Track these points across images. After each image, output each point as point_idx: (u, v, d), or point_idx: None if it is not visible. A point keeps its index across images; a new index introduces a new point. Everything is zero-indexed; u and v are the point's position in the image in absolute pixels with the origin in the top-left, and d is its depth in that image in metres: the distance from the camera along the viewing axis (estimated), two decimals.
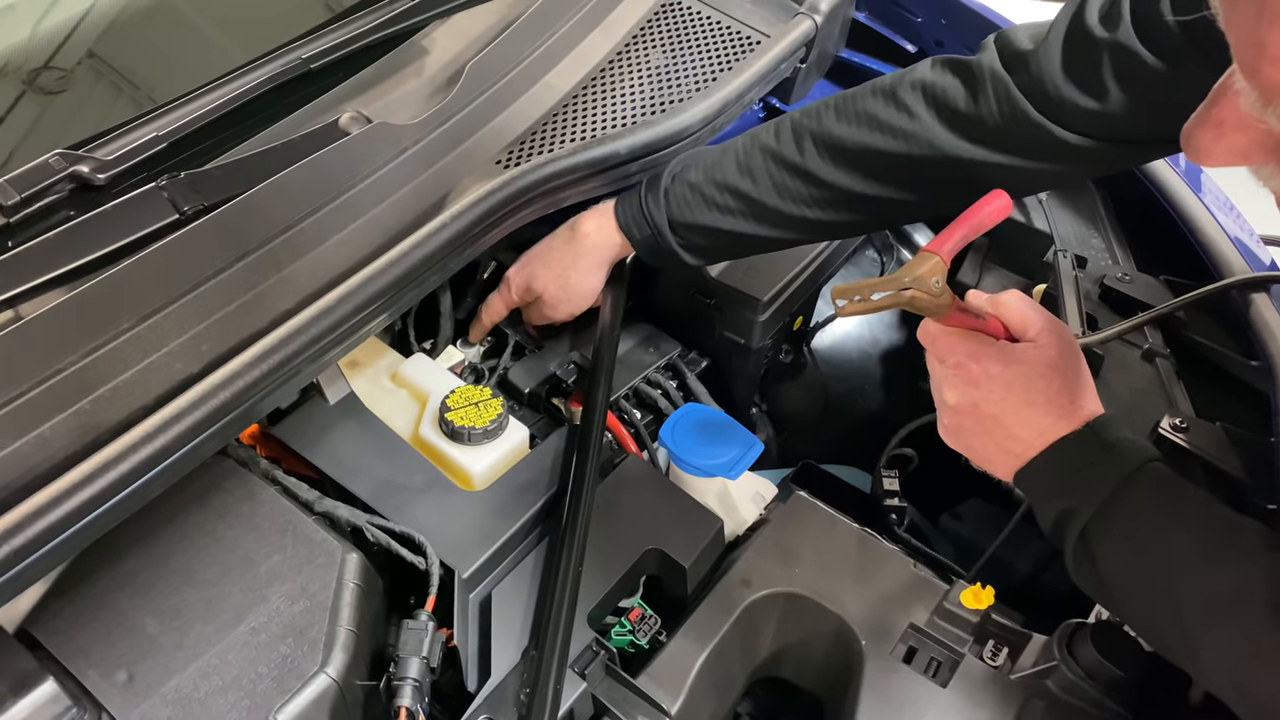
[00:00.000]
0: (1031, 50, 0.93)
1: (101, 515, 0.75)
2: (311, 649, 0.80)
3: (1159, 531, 0.80)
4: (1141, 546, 0.80)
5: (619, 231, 1.11)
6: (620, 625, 0.96)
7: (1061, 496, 0.84)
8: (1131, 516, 0.81)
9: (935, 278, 0.81)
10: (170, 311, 0.85)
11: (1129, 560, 0.80)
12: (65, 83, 1.09)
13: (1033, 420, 0.85)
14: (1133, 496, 0.81)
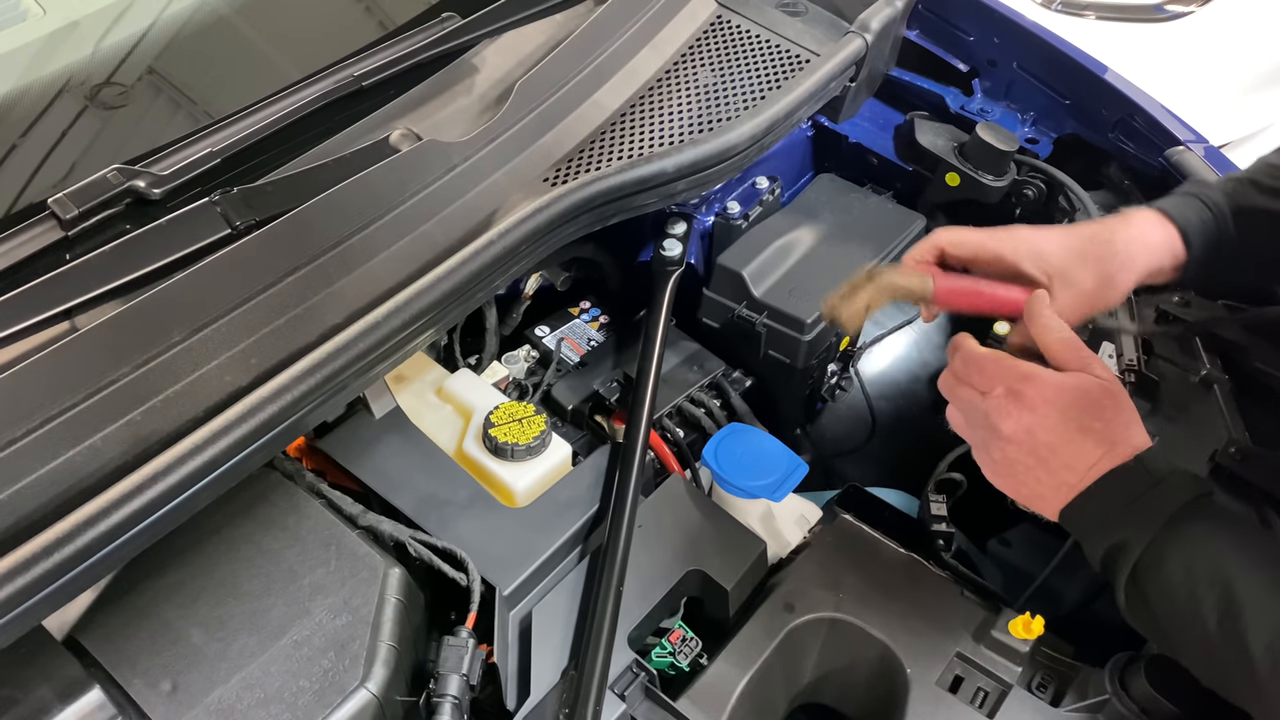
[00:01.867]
0: None
1: (150, 526, 0.76)
2: (353, 663, 0.81)
3: (1217, 567, 0.77)
4: (1198, 583, 0.77)
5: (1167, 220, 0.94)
6: (661, 646, 0.96)
7: (1112, 531, 0.81)
8: (1186, 551, 0.78)
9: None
10: (221, 325, 0.86)
11: (1185, 597, 0.77)
12: (125, 98, 1.11)
13: (1086, 451, 0.82)
14: (1187, 530, 0.79)
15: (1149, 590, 0.79)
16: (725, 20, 1.31)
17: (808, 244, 1.24)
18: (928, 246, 0.93)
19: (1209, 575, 0.77)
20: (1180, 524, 0.79)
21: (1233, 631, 0.74)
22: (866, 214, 1.31)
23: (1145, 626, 0.82)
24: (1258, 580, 0.76)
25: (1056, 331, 0.87)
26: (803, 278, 1.20)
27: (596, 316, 1.25)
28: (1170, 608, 0.78)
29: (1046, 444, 0.83)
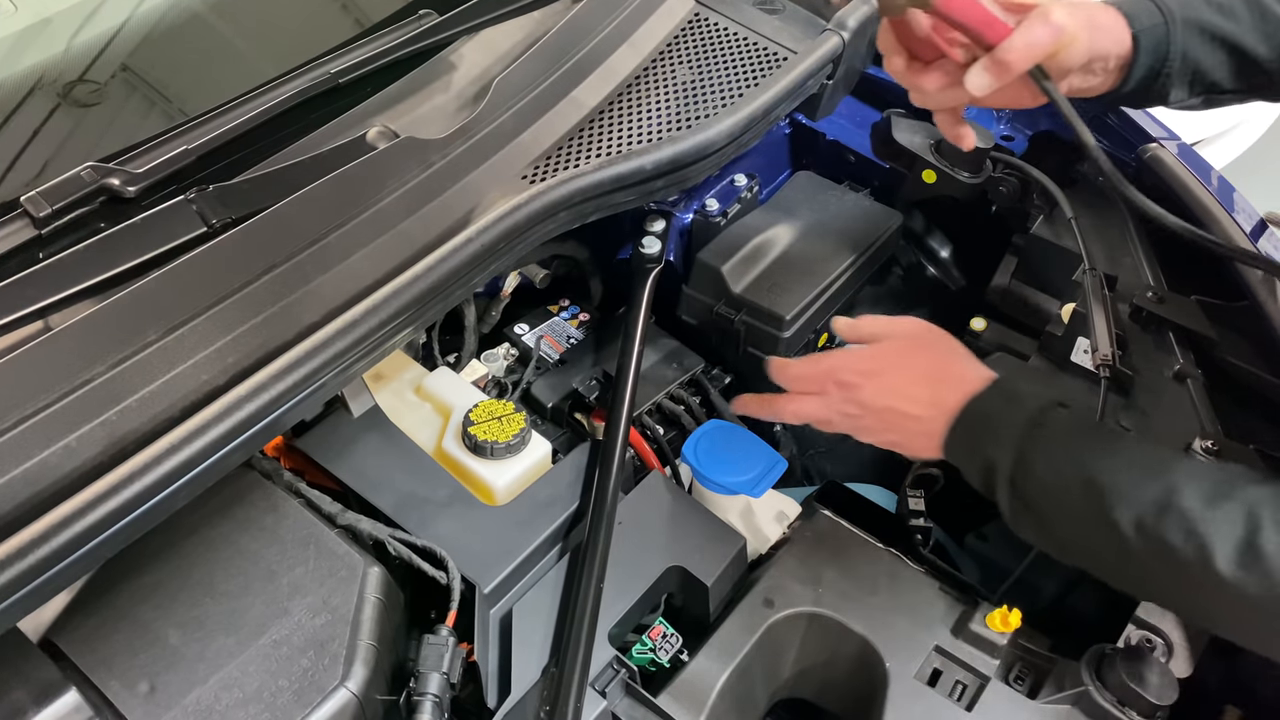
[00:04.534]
0: None
1: (126, 526, 0.75)
2: (332, 663, 0.80)
3: (1079, 460, 0.83)
4: (1065, 477, 0.83)
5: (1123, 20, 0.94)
6: (641, 643, 0.96)
7: (981, 452, 0.87)
8: (1049, 452, 0.84)
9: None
10: (197, 324, 0.85)
11: (1057, 493, 0.83)
12: (99, 96, 1.10)
13: (922, 396, 0.91)
14: (1046, 434, 0.85)
15: (1026, 497, 0.85)
16: (703, 18, 1.31)
17: (786, 241, 1.24)
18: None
19: (1073, 469, 0.83)
20: (1039, 430, 0.85)
21: (1102, 515, 0.80)
22: (844, 211, 1.31)
23: (1033, 534, 0.88)
24: (1117, 466, 0.82)
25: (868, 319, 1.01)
26: (781, 274, 1.20)
27: (576, 314, 1.25)
28: (1046, 508, 0.85)
29: (884, 408, 0.93)
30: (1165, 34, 0.94)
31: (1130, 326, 1.15)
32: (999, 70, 0.88)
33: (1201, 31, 0.95)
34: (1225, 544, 0.75)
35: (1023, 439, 0.85)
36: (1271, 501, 0.75)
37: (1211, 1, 0.96)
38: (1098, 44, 0.93)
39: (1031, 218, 1.30)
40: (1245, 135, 2.82)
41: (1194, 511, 0.76)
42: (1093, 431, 0.87)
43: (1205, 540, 0.75)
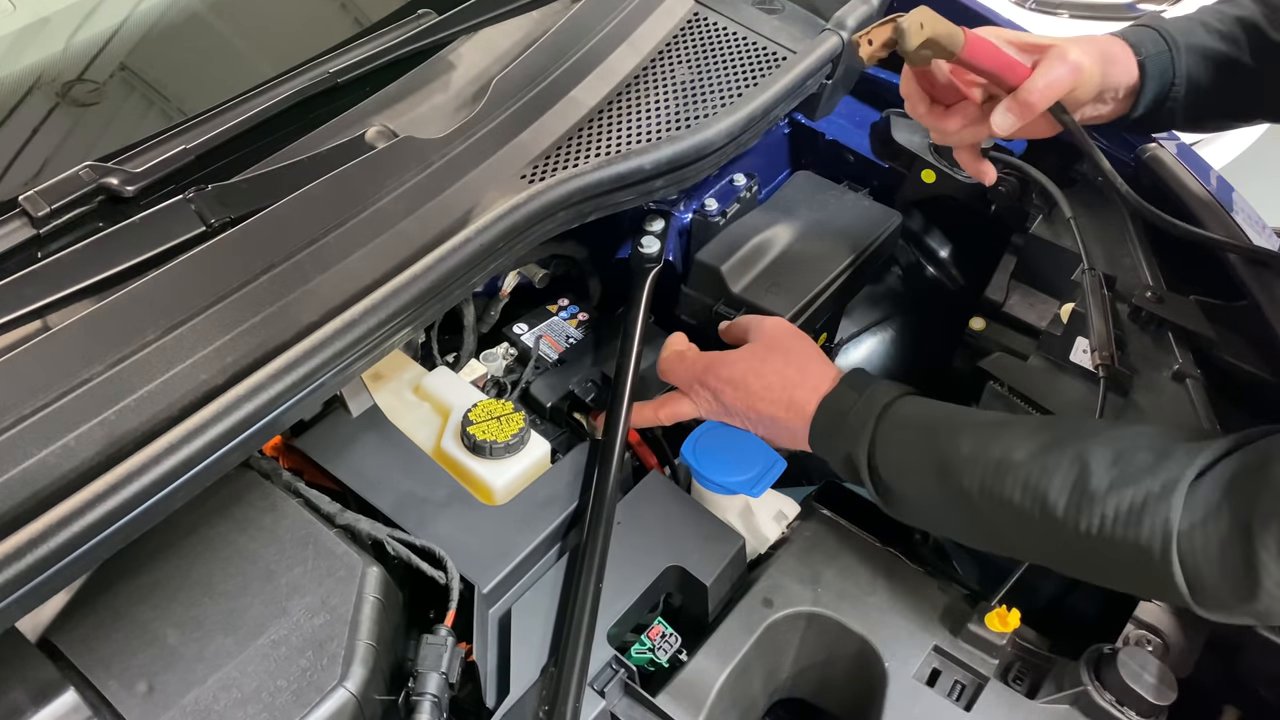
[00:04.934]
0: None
1: (124, 526, 0.75)
2: (331, 663, 0.80)
3: (926, 440, 0.90)
4: (917, 456, 0.90)
5: (1129, 50, 0.99)
6: (640, 643, 0.96)
7: (840, 446, 0.95)
8: (898, 436, 0.92)
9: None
10: (196, 323, 0.85)
11: (913, 474, 0.90)
12: (97, 95, 1.10)
13: (779, 399, 0.99)
14: (895, 420, 0.93)
15: (888, 481, 0.92)
16: (702, 17, 1.31)
17: (785, 241, 1.24)
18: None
19: (922, 448, 0.90)
20: (888, 418, 0.93)
21: (953, 486, 0.87)
22: (843, 211, 1.31)
23: (904, 516, 0.95)
24: (960, 438, 0.89)
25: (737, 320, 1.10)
26: (780, 274, 1.20)
27: (575, 314, 1.25)
28: (905, 490, 0.92)
29: (746, 410, 1.00)
30: (1170, 60, 0.98)
31: (1129, 326, 1.15)
32: (1022, 110, 0.94)
33: (1204, 56, 0.99)
34: (1059, 491, 0.81)
35: (874, 429, 0.93)
36: (1097, 446, 0.81)
37: (1212, 28, 1.00)
38: (1110, 76, 0.98)
39: (1030, 217, 1.30)
40: (1244, 136, 2.82)
41: (1028, 466, 0.83)
42: (937, 412, 0.94)
43: (1041, 491, 0.82)
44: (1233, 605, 0.77)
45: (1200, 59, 0.99)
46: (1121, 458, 0.80)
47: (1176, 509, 0.76)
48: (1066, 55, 0.93)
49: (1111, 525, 0.78)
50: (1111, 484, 0.79)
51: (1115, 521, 0.78)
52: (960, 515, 0.89)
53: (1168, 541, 0.76)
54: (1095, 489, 0.79)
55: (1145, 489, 0.78)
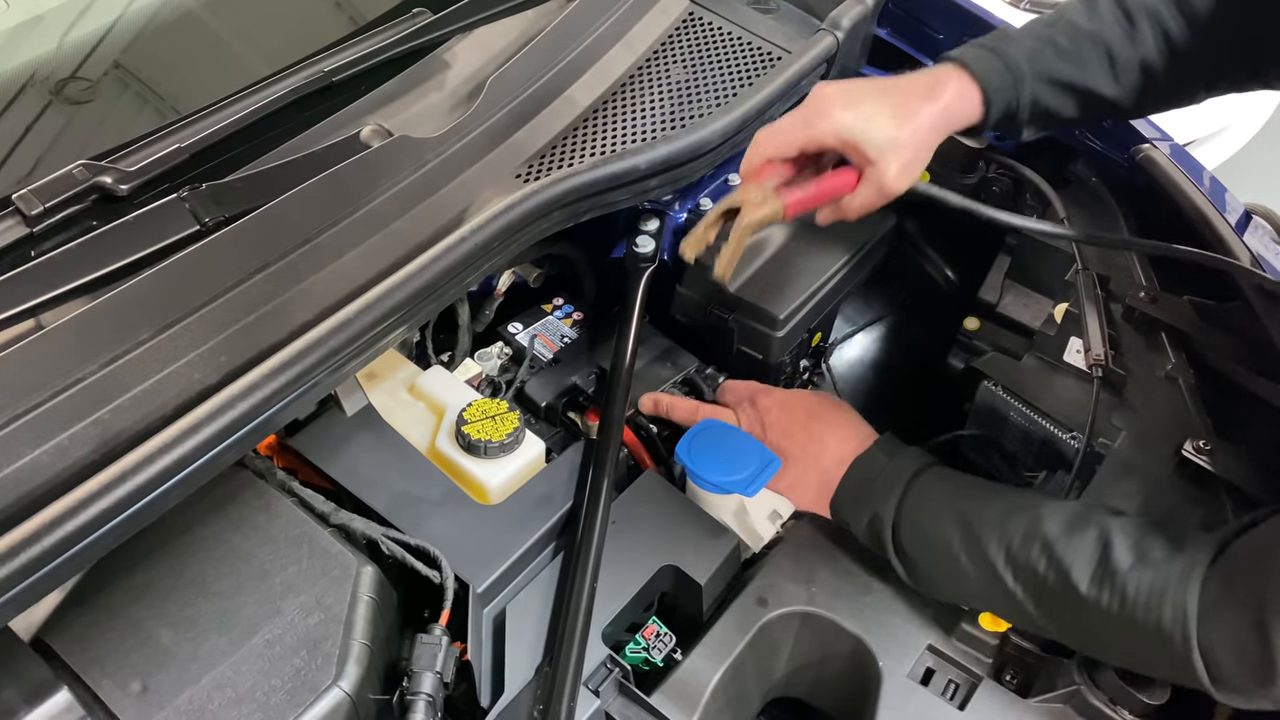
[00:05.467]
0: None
1: (118, 525, 0.75)
2: (325, 662, 0.80)
3: (954, 510, 0.92)
4: (944, 526, 0.92)
5: (974, 88, 0.99)
6: (635, 642, 0.96)
7: (865, 510, 0.97)
8: (927, 506, 0.94)
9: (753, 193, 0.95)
10: (190, 322, 0.85)
11: (939, 543, 0.92)
12: (91, 93, 1.09)
13: (835, 447, 1.03)
14: (923, 490, 0.95)
15: (911, 550, 0.94)
16: (697, 17, 1.31)
17: (779, 240, 1.24)
18: (757, 160, 0.98)
19: (950, 518, 0.92)
20: (916, 487, 0.95)
21: (979, 557, 0.89)
22: None
23: (925, 584, 0.96)
24: (987, 509, 0.91)
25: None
26: (775, 274, 1.20)
27: (570, 313, 1.25)
28: (932, 558, 0.94)
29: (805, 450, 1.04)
30: (1015, 93, 1.00)
31: (1123, 326, 1.16)
32: (841, 217, 1.01)
33: (1052, 82, 1.02)
34: (1083, 566, 0.83)
35: (902, 496, 0.95)
36: (1121, 526, 0.84)
37: (1062, 51, 1.01)
38: (951, 127, 1.00)
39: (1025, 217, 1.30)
40: (1237, 136, 2.83)
41: (1054, 539, 0.85)
42: (965, 484, 0.97)
43: (1065, 564, 0.84)
44: (1251, 691, 0.78)
45: (1048, 84, 1.01)
46: (1143, 538, 0.82)
47: (1194, 596, 0.77)
48: (884, 181, 0.95)
49: (1133, 606, 0.80)
50: (1133, 564, 0.81)
51: (1136, 603, 0.80)
52: (983, 585, 0.90)
53: (1187, 628, 0.77)
54: (1117, 567, 0.81)
55: (1165, 573, 0.79)
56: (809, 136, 0.95)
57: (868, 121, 0.94)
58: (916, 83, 0.99)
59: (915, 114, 0.96)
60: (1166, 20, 1.00)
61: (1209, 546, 0.80)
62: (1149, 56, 1.01)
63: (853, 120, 0.94)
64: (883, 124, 0.94)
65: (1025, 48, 1.01)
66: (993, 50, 1.00)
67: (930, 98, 0.97)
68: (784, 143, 0.96)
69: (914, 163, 0.97)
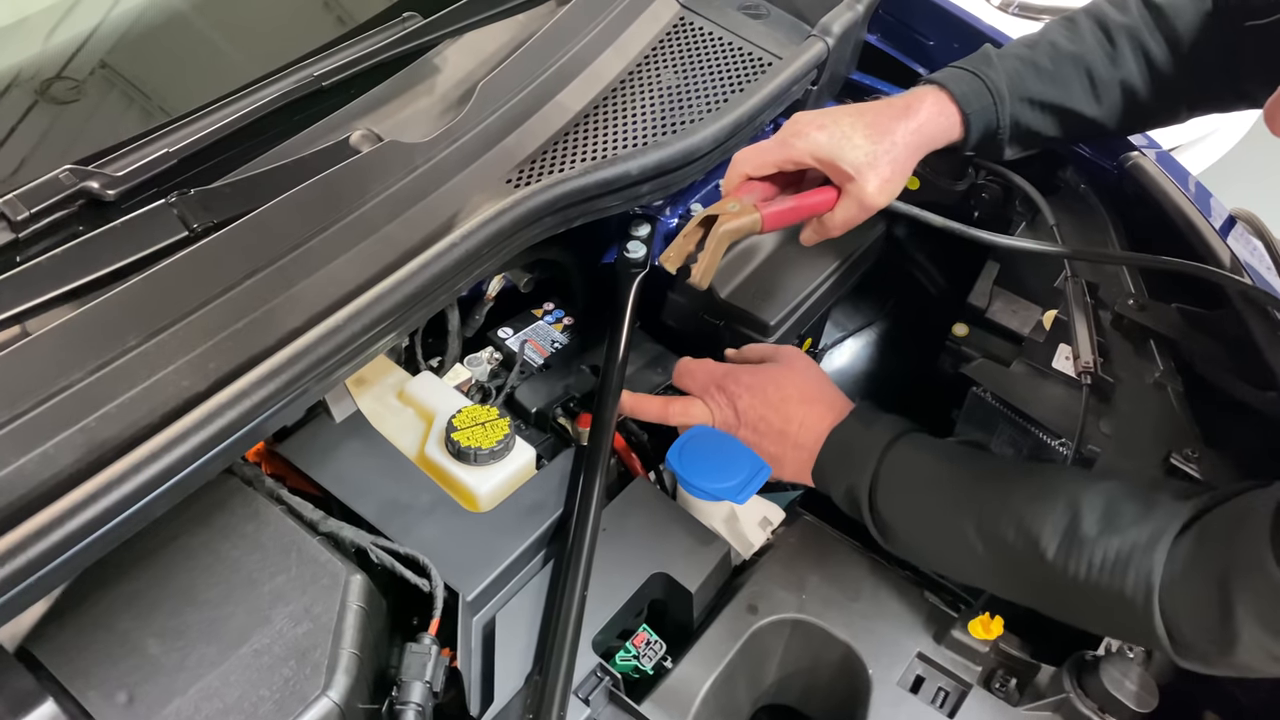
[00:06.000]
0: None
1: (105, 534, 0.74)
2: (314, 672, 0.80)
3: (929, 477, 0.93)
4: (918, 494, 0.93)
5: (953, 107, 1.02)
6: (625, 650, 0.96)
7: (842, 478, 0.98)
8: (901, 473, 0.95)
9: (731, 203, 0.97)
10: (178, 329, 0.84)
11: (913, 510, 0.93)
12: (77, 93, 1.08)
13: (793, 414, 1.02)
14: (899, 457, 0.95)
15: (888, 517, 0.95)
16: (688, 22, 1.30)
17: (770, 246, 1.24)
18: (736, 178, 1.02)
19: (924, 486, 0.94)
20: (891, 454, 0.95)
21: (951, 525, 0.90)
22: None
23: (900, 550, 0.98)
24: (959, 478, 0.92)
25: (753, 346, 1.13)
26: (766, 280, 1.20)
27: (560, 318, 1.25)
28: (904, 525, 0.95)
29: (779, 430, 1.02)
30: (995, 114, 1.02)
31: (1111, 334, 1.16)
32: (824, 235, 1.03)
33: (1033, 103, 1.04)
34: (1050, 535, 0.83)
35: (878, 464, 0.95)
36: (1089, 493, 0.84)
37: (1043, 72, 1.03)
38: (931, 146, 1.03)
39: (1013, 224, 1.31)
40: (1221, 142, 2.85)
41: (1023, 509, 0.86)
42: (940, 451, 0.97)
43: (1033, 533, 0.84)
44: (1211, 657, 0.79)
45: (1029, 105, 1.03)
46: (1111, 507, 0.83)
47: (1159, 562, 0.78)
48: (863, 195, 0.97)
49: (1099, 572, 0.81)
50: (1100, 532, 0.81)
51: (1102, 569, 0.81)
52: (955, 553, 0.91)
53: (1150, 594, 0.78)
54: (1085, 535, 0.82)
55: (1131, 540, 0.80)
56: (786, 156, 0.98)
57: (843, 139, 0.97)
58: (893, 103, 1.02)
59: (890, 131, 0.98)
60: (1147, 41, 1.02)
61: (1179, 515, 0.81)
62: (1130, 77, 1.03)
63: (828, 139, 0.96)
64: (858, 140, 0.97)
65: (1006, 69, 1.03)
66: (973, 72, 1.02)
67: (906, 116, 1.00)
68: (761, 161, 0.99)
69: (892, 179, 0.99)
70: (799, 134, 0.97)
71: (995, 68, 1.03)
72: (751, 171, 1.00)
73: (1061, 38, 1.04)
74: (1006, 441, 1.18)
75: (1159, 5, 1.03)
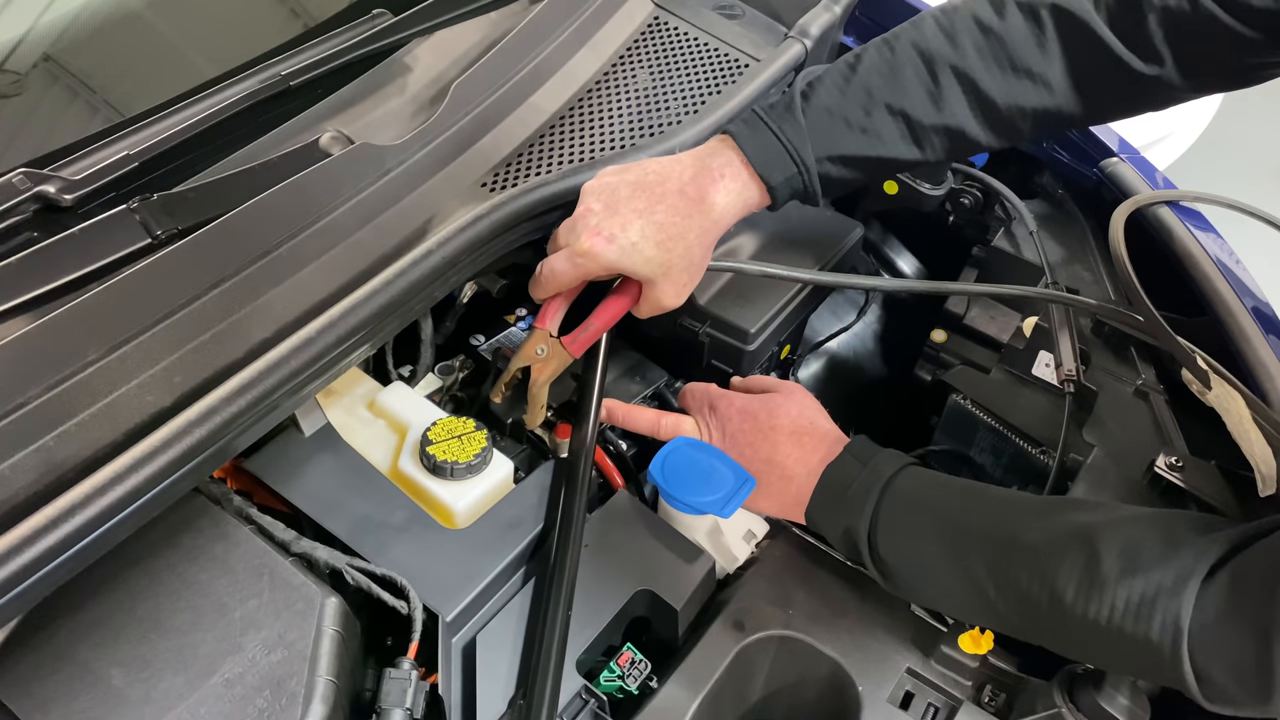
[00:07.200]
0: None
1: (66, 562, 0.71)
2: (290, 702, 0.76)
3: (931, 516, 0.89)
4: (920, 536, 0.89)
5: (754, 181, 0.98)
6: (609, 670, 0.93)
7: (840, 518, 0.94)
8: (901, 513, 0.91)
9: (539, 346, 1.03)
10: (141, 341, 0.80)
11: (915, 553, 0.89)
12: (19, 87, 1.03)
13: (802, 456, 0.98)
14: (897, 496, 0.91)
15: (890, 560, 0.91)
16: (663, 22, 1.28)
17: (749, 252, 1.22)
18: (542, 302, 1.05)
19: (928, 528, 0.89)
20: (890, 495, 0.92)
21: (959, 569, 0.86)
22: (805, 222, 1.29)
23: (905, 593, 0.94)
24: (967, 518, 0.88)
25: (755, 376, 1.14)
26: (745, 287, 1.18)
27: (533, 324, 1.22)
28: (910, 569, 0.91)
29: (765, 459, 0.99)
30: (801, 180, 1.00)
31: (1092, 340, 1.15)
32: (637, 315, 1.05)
33: (844, 160, 1.00)
34: (1068, 577, 0.79)
35: (877, 504, 0.91)
36: (1106, 529, 0.80)
37: (854, 125, 0.98)
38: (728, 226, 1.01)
39: (992, 229, 1.30)
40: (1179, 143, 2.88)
41: (1036, 548, 0.82)
42: (942, 488, 0.93)
43: (1049, 575, 0.80)
44: (1245, 706, 0.76)
45: (839, 162, 0.99)
46: (1131, 545, 0.78)
47: (1188, 607, 0.74)
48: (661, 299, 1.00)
49: (1121, 617, 0.77)
50: (1122, 572, 0.77)
51: (1125, 613, 0.77)
52: (964, 596, 0.87)
53: (1178, 639, 0.75)
54: (1105, 576, 0.78)
55: (1156, 581, 0.76)
56: (581, 275, 0.98)
57: (633, 251, 0.95)
58: (686, 190, 0.97)
59: (683, 235, 0.96)
60: (980, 77, 0.96)
61: (1206, 555, 0.76)
62: (957, 120, 0.98)
63: (617, 254, 0.95)
64: (649, 252, 0.96)
65: (814, 123, 0.98)
66: (777, 131, 0.98)
67: (699, 209, 0.97)
68: (562, 283, 1.00)
69: (690, 280, 1.01)
70: (589, 254, 0.95)
71: (798, 126, 0.97)
72: (556, 292, 1.02)
73: (876, 76, 0.98)
74: (986, 450, 1.17)
75: (995, 32, 0.96)
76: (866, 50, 1.00)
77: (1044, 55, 0.96)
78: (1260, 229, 1.20)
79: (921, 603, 0.95)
